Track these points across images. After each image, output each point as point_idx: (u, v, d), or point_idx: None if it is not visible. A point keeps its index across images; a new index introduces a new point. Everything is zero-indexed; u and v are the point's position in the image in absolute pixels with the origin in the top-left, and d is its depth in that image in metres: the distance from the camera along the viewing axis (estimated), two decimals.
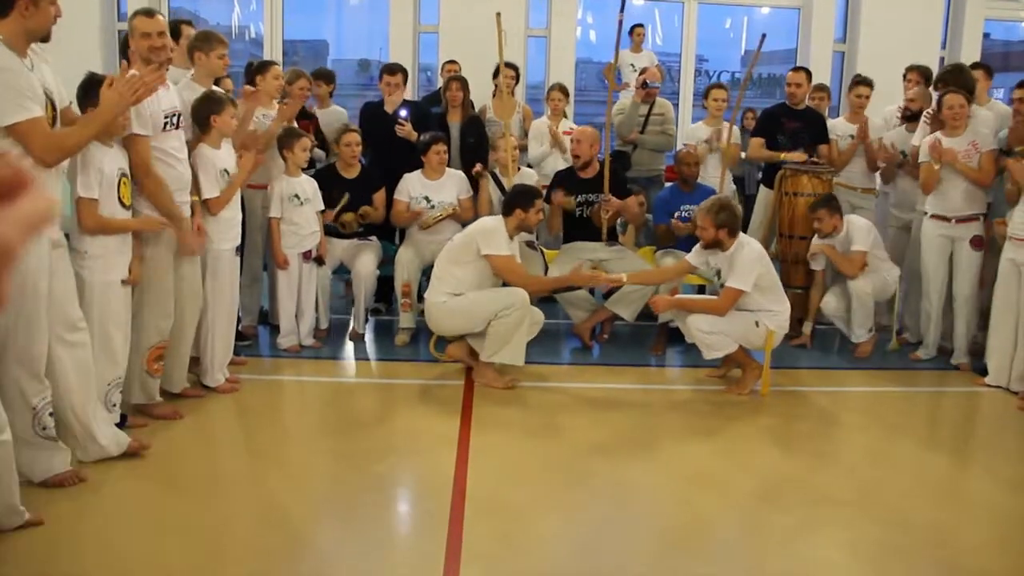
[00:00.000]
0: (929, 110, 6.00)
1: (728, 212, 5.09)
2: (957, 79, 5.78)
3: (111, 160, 3.83)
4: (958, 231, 5.67)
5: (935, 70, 7.34)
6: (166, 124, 4.18)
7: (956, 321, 5.78)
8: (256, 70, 5.75)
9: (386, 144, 6.42)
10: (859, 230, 5.84)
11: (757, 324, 5.05)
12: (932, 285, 5.84)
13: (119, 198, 3.87)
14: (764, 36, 6.50)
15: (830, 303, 5.96)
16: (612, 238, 6.15)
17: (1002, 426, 4.90)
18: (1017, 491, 3.98)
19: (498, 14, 6.13)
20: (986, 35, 9.36)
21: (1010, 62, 10.52)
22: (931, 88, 6.17)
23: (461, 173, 6.27)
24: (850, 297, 5.85)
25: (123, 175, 3.90)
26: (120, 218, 3.89)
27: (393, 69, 6.65)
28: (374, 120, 6.52)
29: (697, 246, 5.28)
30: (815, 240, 6.03)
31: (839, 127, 6.74)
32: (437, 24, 8.74)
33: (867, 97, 6.67)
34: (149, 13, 4.24)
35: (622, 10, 6.24)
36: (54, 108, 3.38)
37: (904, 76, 6.61)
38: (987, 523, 3.65)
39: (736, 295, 5.00)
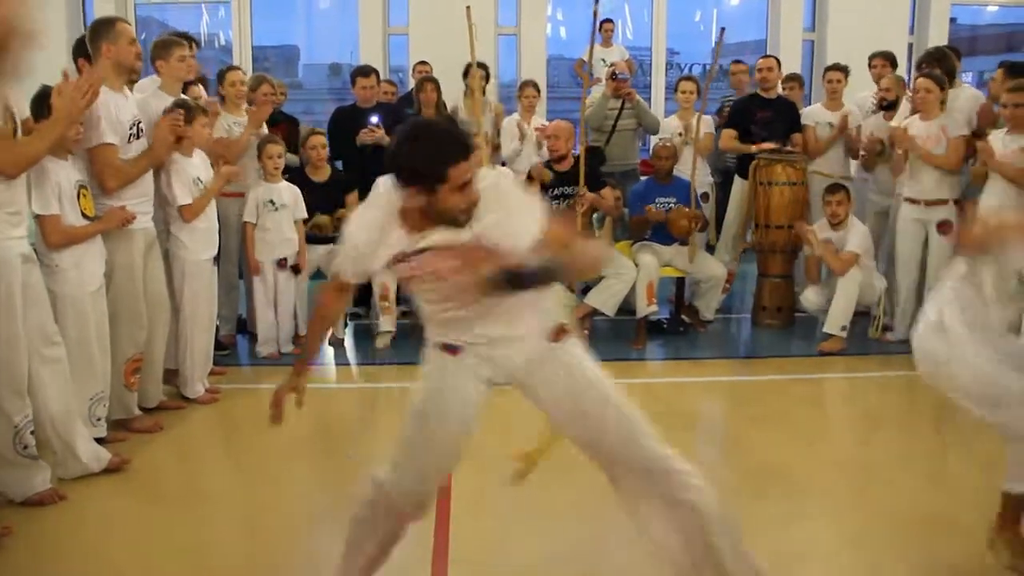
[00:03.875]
0: (909, 92, 6.03)
1: None
2: (938, 63, 5.83)
3: (67, 173, 3.78)
4: (929, 215, 5.71)
5: (903, 56, 7.38)
6: (130, 138, 4.14)
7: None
8: (217, 78, 5.74)
9: (360, 148, 6.38)
10: (858, 233, 5.83)
11: None
12: (903, 267, 5.88)
13: (81, 211, 3.83)
14: (723, 30, 6.53)
15: (810, 297, 5.98)
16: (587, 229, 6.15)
17: None
18: (992, 469, 4.02)
19: (468, 7, 6.11)
20: (952, 20, 9.42)
21: (977, 46, 10.60)
22: (913, 71, 6.20)
23: None
24: (832, 290, 5.84)
25: (81, 187, 3.85)
26: (83, 225, 3.85)
27: (366, 71, 6.62)
28: (346, 124, 6.48)
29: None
30: (816, 226, 6.00)
31: (817, 114, 6.74)
32: (407, 26, 8.71)
33: (839, 82, 6.69)
34: (127, 21, 4.26)
35: (597, 2, 6.23)
36: (15, 121, 3.34)
37: (869, 64, 6.65)
38: (972, 504, 3.66)
39: None
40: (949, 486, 3.91)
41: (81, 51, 4.56)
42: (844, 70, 6.71)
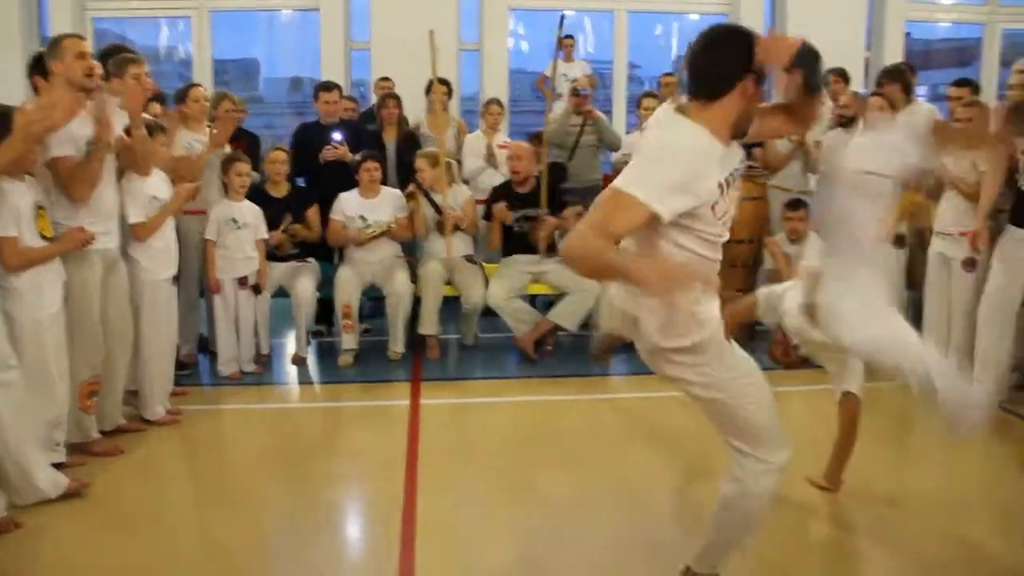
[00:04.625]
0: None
1: None
2: (896, 79, 5.94)
3: (23, 195, 3.73)
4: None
5: (860, 71, 7.48)
6: (88, 150, 4.09)
7: None
8: (178, 96, 5.69)
9: (323, 164, 6.36)
10: (814, 247, 5.88)
11: None
12: None
13: (39, 232, 3.77)
14: (691, 44, 6.57)
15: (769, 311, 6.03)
16: (551, 250, 6.18)
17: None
18: (951, 477, 4.12)
19: (431, 32, 6.12)
20: (906, 35, 9.57)
21: (931, 60, 10.79)
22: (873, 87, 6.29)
23: (398, 191, 6.25)
24: None
25: (39, 208, 3.80)
26: (41, 247, 3.78)
27: (329, 86, 6.61)
28: (310, 140, 6.45)
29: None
30: (778, 238, 6.04)
31: None
32: (369, 40, 8.70)
33: None
34: (79, 36, 4.19)
35: (561, 25, 6.30)
36: None
37: (823, 80, 6.72)
38: (932, 514, 3.72)
39: None
40: (908, 494, 3.96)
41: (36, 69, 4.50)
42: None
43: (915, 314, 6.02)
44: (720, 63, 2.33)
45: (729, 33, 2.38)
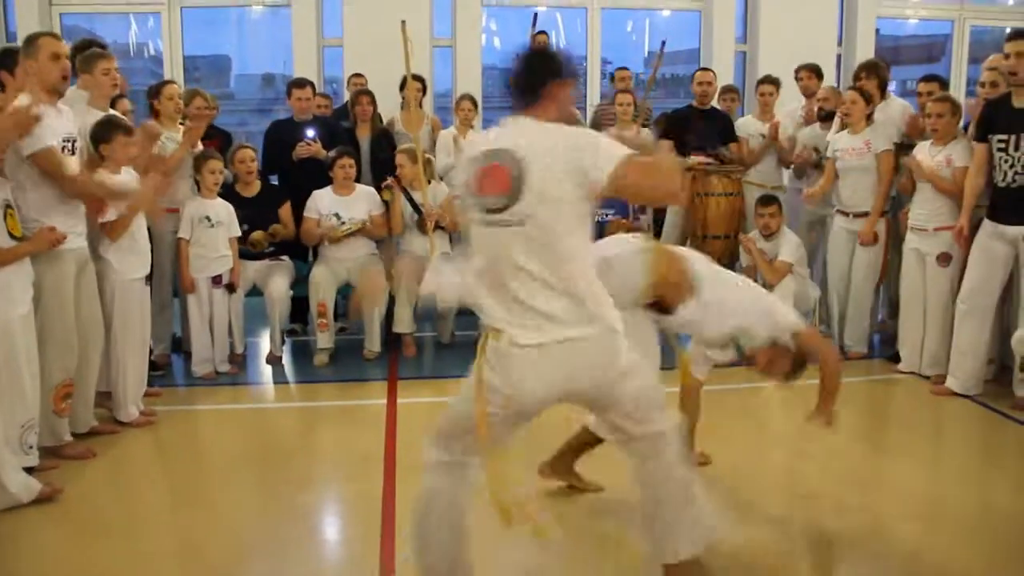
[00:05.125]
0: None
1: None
2: (874, 73, 5.98)
3: None
4: (856, 225, 5.82)
5: (832, 67, 7.49)
6: (63, 150, 4.02)
7: (850, 311, 5.97)
8: (151, 93, 5.60)
9: (296, 162, 6.29)
10: (790, 242, 5.87)
11: None
12: (832, 277, 6.01)
13: (8, 231, 3.69)
14: (664, 43, 6.60)
15: None
16: None
17: (916, 409, 5.10)
18: (934, 470, 4.17)
19: (403, 22, 6.06)
20: (877, 31, 9.64)
21: (900, 56, 10.88)
22: (851, 81, 6.31)
23: (372, 189, 6.19)
24: None
25: (8, 207, 3.72)
26: (9, 246, 3.69)
27: (302, 83, 6.54)
28: (283, 138, 6.39)
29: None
30: (751, 236, 6.05)
31: (749, 125, 6.85)
32: (341, 37, 8.63)
33: (771, 95, 6.81)
34: (55, 35, 4.12)
35: (534, 24, 6.28)
36: None
37: (796, 75, 6.76)
38: (912, 505, 3.74)
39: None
40: (889, 486, 3.98)
41: (2, 64, 4.41)
42: (776, 83, 6.82)
43: (891, 310, 6.07)
44: (528, 75, 2.67)
45: (535, 52, 2.79)
